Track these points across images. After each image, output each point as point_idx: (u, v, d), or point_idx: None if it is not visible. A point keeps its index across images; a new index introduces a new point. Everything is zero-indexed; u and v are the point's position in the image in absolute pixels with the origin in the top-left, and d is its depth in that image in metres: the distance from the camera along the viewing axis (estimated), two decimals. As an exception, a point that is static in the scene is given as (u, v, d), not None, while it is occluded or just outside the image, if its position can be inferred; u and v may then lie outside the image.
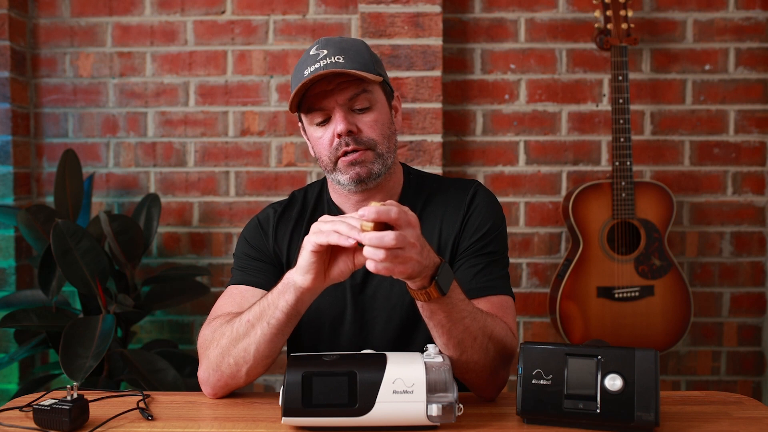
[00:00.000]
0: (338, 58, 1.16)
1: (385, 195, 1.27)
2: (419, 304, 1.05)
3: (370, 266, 0.95)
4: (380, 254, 0.93)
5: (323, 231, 0.99)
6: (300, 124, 1.29)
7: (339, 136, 1.18)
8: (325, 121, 1.20)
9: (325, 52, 1.18)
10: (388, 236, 0.93)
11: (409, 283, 1.02)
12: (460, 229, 1.26)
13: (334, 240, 0.97)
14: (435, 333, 1.07)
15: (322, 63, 1.16)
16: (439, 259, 1.02)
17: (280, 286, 1.08)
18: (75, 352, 1.68)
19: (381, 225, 0.96)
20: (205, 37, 2.37)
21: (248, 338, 1.10)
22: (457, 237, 1.26)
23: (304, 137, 1.30)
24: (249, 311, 1.11)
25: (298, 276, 1.04)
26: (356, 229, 0.96)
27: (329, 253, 1.04)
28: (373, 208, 0.94)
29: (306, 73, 1.17)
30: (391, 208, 0.95)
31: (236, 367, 1.12)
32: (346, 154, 1.19)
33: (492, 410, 1.11)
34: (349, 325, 1.26)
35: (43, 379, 2.09)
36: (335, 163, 1.20)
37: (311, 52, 1.19)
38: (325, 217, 1.01)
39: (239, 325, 1.11)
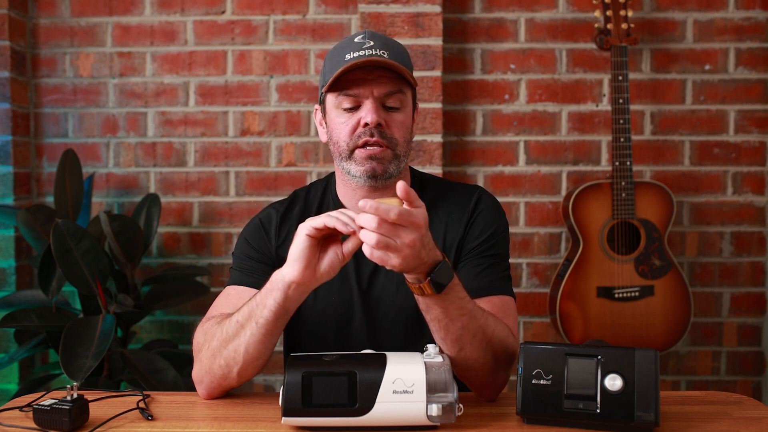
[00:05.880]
0: (383, 53, 1.17)
1: (394, 194, 1.26)
2: (416, 296, 1.05)
3: (366, 250, 0.96)
4: (372, 238, 0.94)
5: (318, 217, 1.01)
6: (318, 107, 1.28)
7: (365, 125, 1.17)
8: (353, 109, 1.20)
9: (371, 43, 1.18)
10: (381, 226, 0.94)
11: (406, 275, 1.03)
12: (465, 232, 1.26)
13: (332, 223, 0.99)
14: (432, 327, 1.08)
15: (367, 52, 1.16)
16: (440, 257, 1.01)
17: (268, 285, 1.08)
18: (75, 352, 1.68)
19: None
20: (205, 37, 2.37)
21: (238, 339, 1.09)
22: (461, 240, 1.26)
23: (316, 120, 1.29)
24: (239, 312, 1.11)
25: (288, 268, 1.04)
26: (353, 220, 0.98)
27: (320, 246, 1.05)
28: (372, 203, 0.93)
29: (348, 57, 1.17)
30: (391, 208, 0.94)
31: (227, 368, 1.11)
32: (366, 144, 1.18)
33: (492, 410, 1.11)
34: (357, 326, 1.26)
35: (43, 379, 2.09)
36: (352, 151, 1.20)
37: (356, 40, 1.20)
38: (319, 216, 1.03)
39: (229, 326, 1.11)
